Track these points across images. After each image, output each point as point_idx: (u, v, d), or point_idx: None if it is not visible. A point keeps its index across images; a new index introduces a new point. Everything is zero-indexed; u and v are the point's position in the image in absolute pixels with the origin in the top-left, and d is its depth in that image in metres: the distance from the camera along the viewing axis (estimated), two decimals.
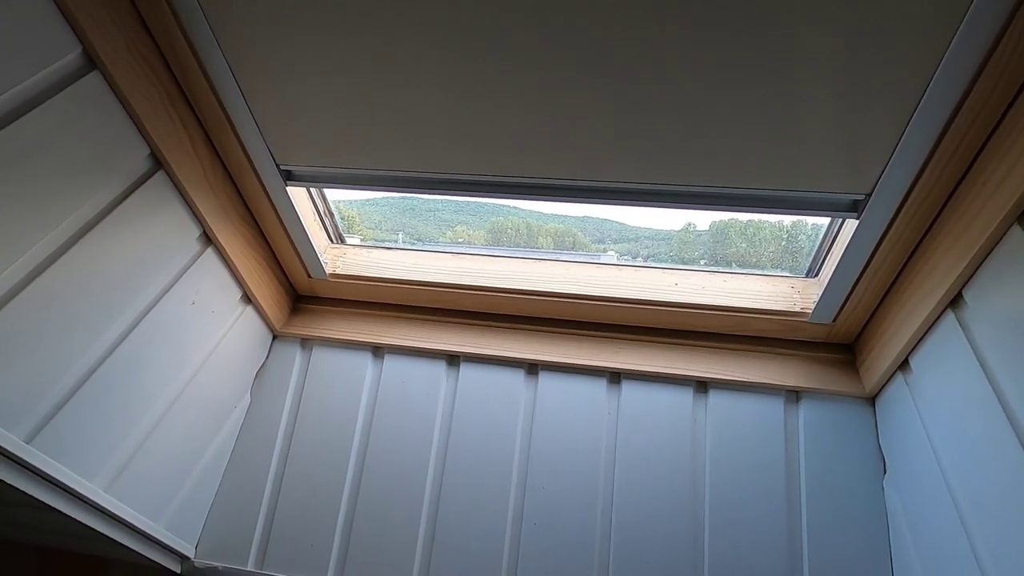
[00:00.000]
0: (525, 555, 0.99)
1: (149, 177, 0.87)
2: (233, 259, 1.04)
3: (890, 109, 0.73)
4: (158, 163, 0.88)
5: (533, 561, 0.99)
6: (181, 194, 0.92)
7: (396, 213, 1.37)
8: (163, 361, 0.94)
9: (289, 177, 1.01)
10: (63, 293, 0.76)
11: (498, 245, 1.29)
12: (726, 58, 0.72)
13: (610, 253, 1.32)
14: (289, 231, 1.11)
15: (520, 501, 1.04)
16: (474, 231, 1.30)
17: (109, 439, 0.86)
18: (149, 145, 0.85)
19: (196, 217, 0.96)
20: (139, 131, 0.84)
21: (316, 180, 1.02)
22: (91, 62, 0.76)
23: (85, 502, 0.83)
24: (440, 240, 1.35)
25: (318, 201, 1.15)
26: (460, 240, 1.33)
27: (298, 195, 1.08)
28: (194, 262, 0.98)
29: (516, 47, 0.75)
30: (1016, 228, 0.70)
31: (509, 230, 1.29)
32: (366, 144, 0.92)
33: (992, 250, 0.74)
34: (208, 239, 1.00)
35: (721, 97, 0.76)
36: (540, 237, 1.29)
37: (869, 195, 0.83)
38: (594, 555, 0.98)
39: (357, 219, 1.31)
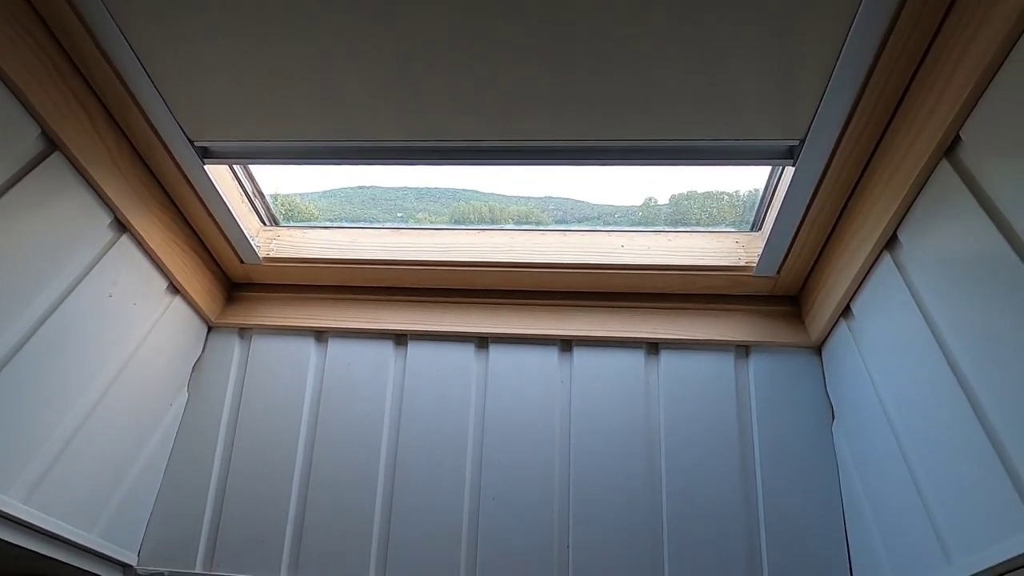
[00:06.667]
0: (484, 532, 0.97)
1: (43, 159, 0.79)
2: (153, 247, 0.97)
3: (816, 52, 0.72)
4: (52, 144, 0.80)
5: (493, 537, 0.97)
6: (84, 177, 0.85)
7: (356, 205, 1.31)
8: (81, 359, 0.88)
9: (206, 154, 0.95)
10: None
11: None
12: (657, 10, 0.69)
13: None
14: (214, 214, 1.04)
15: (477, 478, 1.01)
16: (436, 218, 1.26)
17: (23, 446, 0.79)
18: (39, 124, 0.78)
19: (105, 202, 0.89)
20: (25, 109, 0.76)
21: (237, 156, 0.96)
22: None
23: (2, 516, 0.76)
24: None
25: (245, 181, 1.09)
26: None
27: (221, 175, 1.01)
28: (107, 251, 0.90)
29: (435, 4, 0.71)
30: (944, 163, 0.70)
31: (471, 215, 1.25)
32: (285, 114, 0.87)
33: (923, 187, 0.74)
34: (122, 226, 0.93)
35: (654, 50, 0.74)
36: (503, 220, 1.27)
37: (803, 140, 0.83)
38: (553, 525, 0.97)
39: (316, 213, 1.25)
